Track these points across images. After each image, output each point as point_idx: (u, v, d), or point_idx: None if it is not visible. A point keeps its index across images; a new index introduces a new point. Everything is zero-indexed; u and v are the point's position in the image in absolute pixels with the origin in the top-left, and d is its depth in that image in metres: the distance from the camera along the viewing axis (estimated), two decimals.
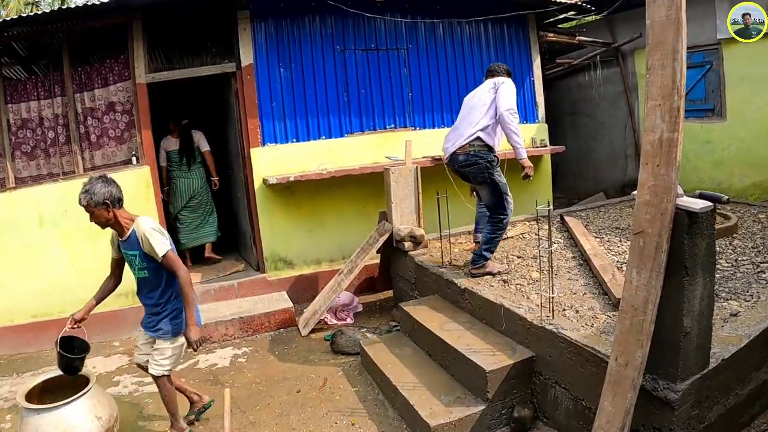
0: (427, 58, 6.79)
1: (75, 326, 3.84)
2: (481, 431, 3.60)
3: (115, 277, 3.91)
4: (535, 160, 7.52)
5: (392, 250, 5.93)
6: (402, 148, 6.20)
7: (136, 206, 5.96)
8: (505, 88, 4.33)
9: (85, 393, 3.60)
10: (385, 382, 4.35)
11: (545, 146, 7.30)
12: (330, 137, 6.38)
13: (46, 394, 3.79)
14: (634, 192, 3.29)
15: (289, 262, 6.48)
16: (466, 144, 4.39)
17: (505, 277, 4.53)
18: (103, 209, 3.51)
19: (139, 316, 5.22)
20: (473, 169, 4.40)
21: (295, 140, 6.27)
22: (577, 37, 8.08)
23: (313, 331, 5.89)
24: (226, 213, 8.25)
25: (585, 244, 4.99)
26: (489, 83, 4.51)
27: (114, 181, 3.67)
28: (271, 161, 6.22)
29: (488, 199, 4.45)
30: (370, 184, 6.45)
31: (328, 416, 4.21)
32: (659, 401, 2.84)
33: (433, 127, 6.97)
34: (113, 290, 3.96)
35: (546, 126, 7.85)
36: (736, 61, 6.77)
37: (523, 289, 4.40)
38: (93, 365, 5.73)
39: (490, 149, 4.43)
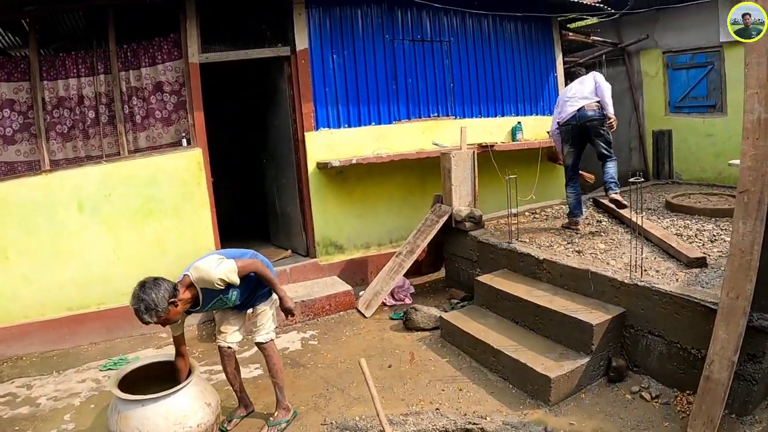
0: (466, 51, 6.90)
1: None
2: (586, 381, 3.94)
3: (183, 356, 3.48)
4: (540, 151, 7.41)
5: (446, 231, 5.91)
6: (444, 136, 6.62)
7: (188, 190, 5.82)
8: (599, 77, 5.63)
9: (191, 379, 3.35)
10: (480, 349, 4.46)
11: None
12: (380, 123, 6.37)
13: (129, 388, 3.37)
14: (733, 161, 3.77)
15: (339, 246, 6.29)
16: (593, 103, 5.34)
17: (578, 248, 5.02)
18: (172, 307, 3.20)
19: None
20: (596, 123, 5.33)
21: (347, 126, 6.21)
22: (591, 37, 8.41)
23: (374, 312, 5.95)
24: (253, 201, 7.95)
25: (636, 220, 5.64)
26: (586, 77, 5.59)
27: (154, 279, 3.24)
28: (325, 146, 6.09)
29: (604, 146, 5.36)
30: (416, 170, 6.47)
31: (431, 385, 4.23)
32: (755, 330, 3.30)
33: (472, 117, 7.07)
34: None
35: None
36: (736, 62, 7.24)
37: (597, 257, 4.81)
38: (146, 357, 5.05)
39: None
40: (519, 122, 7.34)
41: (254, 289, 3.74)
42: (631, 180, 4.34)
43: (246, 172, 8.55)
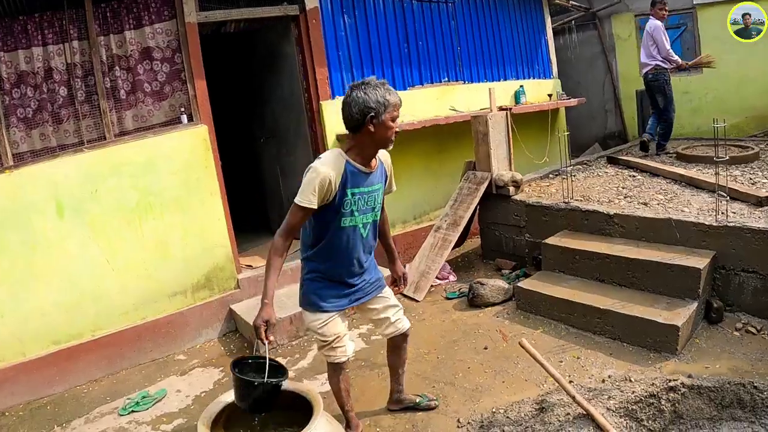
0: (470, 14, 6.49)
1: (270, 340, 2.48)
2: (695, 327, 3.80)
3: (293, 239, 2.61)
4: (554, 113, 7.30)
5: (482, 199, 5.42)
6: (456, 101, 6.08)
7: (193, 176, 4.57)
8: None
9: (318, 415, 2.39)
10: (579, 313, 4.06)
11: (568, 98, 7.42)
12: (396, 89, 6.11)
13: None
14: None
15: None
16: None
17: (641, 201, 4.75)
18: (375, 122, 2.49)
19: (203, 317, 4.63)
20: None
21: None
22: (570, 2, 8.19)
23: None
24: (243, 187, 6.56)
25: (676, 170, 5.33)
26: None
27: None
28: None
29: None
30: (433, 138, 5.87)
31: (545, 359, 3.95)
32: None
33: (479, 81, 6.60)
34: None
35: (560, 81, 7.84)
36: (709, 22, 7.56)
37: (667, 207, 4.53)
38: (176, 389, 4.10)
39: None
40: (521, 86, 6.89)
41: (374, 237, 2.85)
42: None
43: (232, 156, 7.11)
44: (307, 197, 2.44)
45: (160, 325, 4.59)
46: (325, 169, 2.46)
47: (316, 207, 2.47)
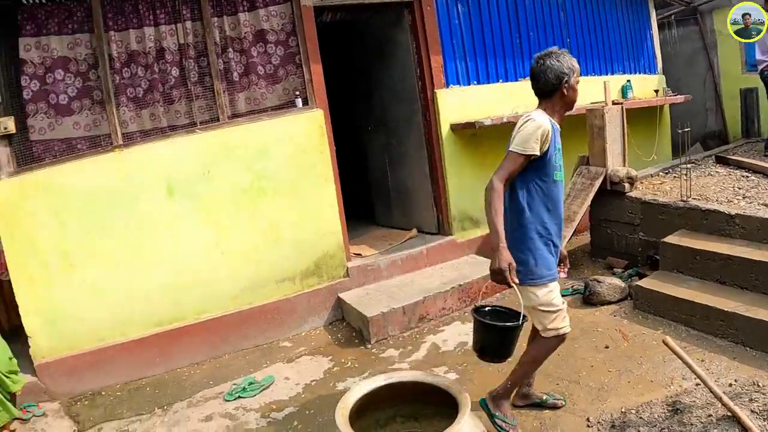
0: (578, 5, 6.35)
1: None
2: None
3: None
4: (660, 110, 7.05)
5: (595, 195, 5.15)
6: None
7: (308, 161, 4.46)
8: None
9: (465, 414, 2.16)
10: (700, 315, 3.87)
11: (674, 95, 7.09)
12: (506, 81, 5.50)
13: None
14: None
15: (475, 220, 5.25)
16: None
17: (763, 202, 4.50)
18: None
19: (310, 304, 4.57)
20: None
21: (476, 82, 5.27)
22: None
23: None
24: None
25: None
26: None
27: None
28: (457, 105, 5.03)
29: None
30: None
31: (669, 361, 3.51)
32: None
33: (587, 74, 6.40)
34: None
35: (664, 77, 7.55)
36: None
37: None
38: (284, 376, 3.99)
39: None
40: (628, 80, 6.64)
41: None
42: None
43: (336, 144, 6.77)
44: (530, 145, 2.51)
45: (267, 311, 4.46)
46: (545, 120, 2.56)
47: (539, 153, 2.54)
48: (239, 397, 3.82)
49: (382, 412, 2.45)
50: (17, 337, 4.64)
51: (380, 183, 5.84)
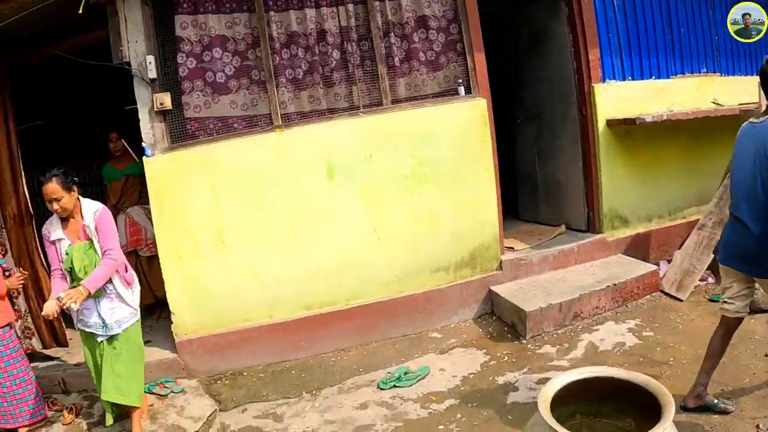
0: (726, 3, 5.84)
1: None
2: None
3: None
4: None
5: None
6: (714, 94, 5.62)
7: (470, 151, 4.31)
8: None
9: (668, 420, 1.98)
10: None
11: None
12: (659, 77, 5.35)
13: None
14: None
15: (624, 219, 5.08)
16: None
17: None
18: None
19: (462, 296, 4.43)
20: None
21: (630, 78, 5.14)
22: None
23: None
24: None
25: None
26: None
27: None
28: (612, 100, 4.92)
29: None
30: (691, 132, 5.40)
31: None
32: None
33: (733, 74, 6.12)
34: None
35: None
36: None
37: None
38: (439, 367, 3.90)
39: None
40: None
41: None
42: None
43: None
44: None
45: (419, 300, 4.31)
46: None
47: None
48: (394, 386, 3.69)
49: (563, 408, 2.31)
50: (148, 314, 4.74)
51: (528, 176, 5.65)
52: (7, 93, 4.29)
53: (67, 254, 3.09)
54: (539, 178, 5.31)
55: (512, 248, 4.47)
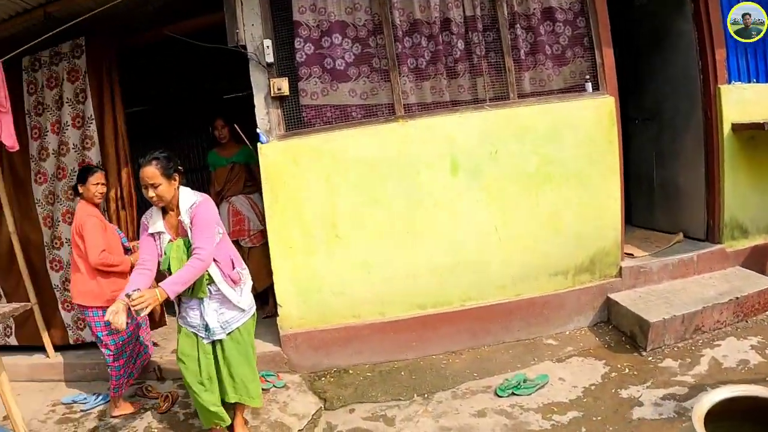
0: None
1: None
2: None
3: None
4: None
5: None
6: None
7: (596, 150, 4.08)
8: None
9: None
10: None
11: None
12: None
13: None
14: None
15: (744, 229, 4.83)
16: None
17: None
18: None
19: (579, 302, 4.17)
20: None
21: (755, 80, 4.84)
22: None
23: None
24: None
25: None
26: None
27: None
28: (737, 103, 4.67)
29: None
30: None
31: None
32: None
33: None
34: None
35: None
36: None
37: None
38: (558, 377, 3.70)
39: None
40: None
41: None
42: None
43: None
44: None
45: (535, 304, 4.09)
46: None
47: None
48: (513, 393, 3.50)
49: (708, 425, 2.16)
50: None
51: (643, 179, 5.36)
52: (116, 75, 4.10)
53: (165, 254, 2.79)
54: (656, 182, 5.08)
55: (631, 255, 4.27)
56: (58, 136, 4.12)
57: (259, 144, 3.84)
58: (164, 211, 2.82)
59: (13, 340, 4.45)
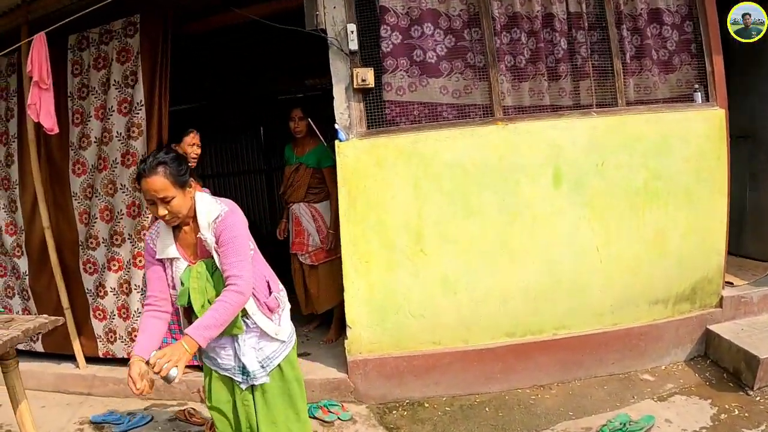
0: None
1: None
2: None
3: None
4: None
5: None
6: None
7: (705, 166, 3.34)
8: None
9: None
10: None
11: None
12: None
13: None
14: None
15: None
16: None
17: None
18: None
19: (678, 333, 3.39)
20: None
21: None
22: None
23: None
24: None
25: None
26: None
27: None
28: None
29: None
30: None
31: None
32: None
33: None
34: None
35: None
36: None
37: None
38: (663, 418, 2.98)
39: None
40: None
41: None
42: None
43: None
44: None
45: (632, 335, 3.28)
46: None
47: None
48: None
49: None
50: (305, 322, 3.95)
51: (733, 203, 4.63)
52: (168, 60, 3.29)
53: (182, 284, 1.87)
54: (748, 206, 4.31)
55: (731, 283, 3.48)
56: (101, 122, 3.18)
57: (336, 142, 2.92)
58: (176, 228, 1.90)
59: (39, 346, 3.59)
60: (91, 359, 3.50)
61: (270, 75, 4.88)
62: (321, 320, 3.63)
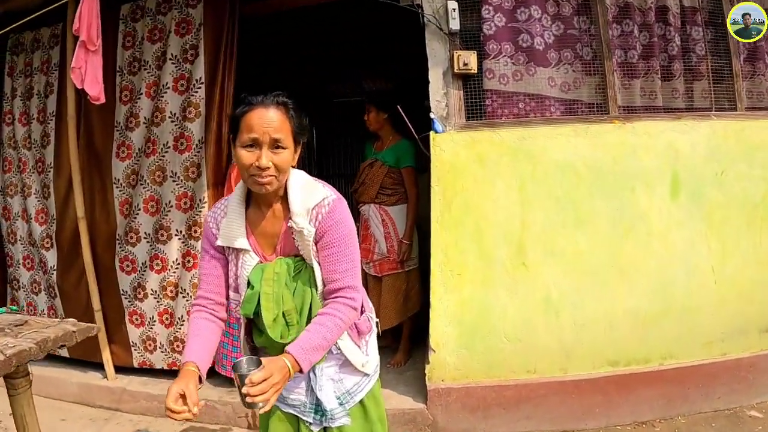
0: None
1: None
2: None
3: None
4: None
5: None
6: None
7: None
8: None
9: None
10: None
11: None
12: None
13: None
14: None
15: None
16: None
17: None
18: None
19: None
20: None
21: None
22: None
23: None
24: None
25: None
26: None
27: None
28: None
29: None
30: None
31: None
32: None
33: None
34: None
35: None
36: None
37: None
38: None
39: None
40: None
41: None
42: None
43: None
44: None
45: (742, 366, 2.56)
46: None
47: None
48: None
49: None
50: None
51: None
52: (236, 34, 2.51)
53: (249, 286, 1.18)
54: None
55: None
56: (153, 101, 2.35)
57: (432, 134, 2.14)
58: (250, 207, 1.23)
59: (63, 351, 2.65)
60: (121, 369, 2.70)
61: (324, 75, 4.08)
62: (386, 341, 2.80)
